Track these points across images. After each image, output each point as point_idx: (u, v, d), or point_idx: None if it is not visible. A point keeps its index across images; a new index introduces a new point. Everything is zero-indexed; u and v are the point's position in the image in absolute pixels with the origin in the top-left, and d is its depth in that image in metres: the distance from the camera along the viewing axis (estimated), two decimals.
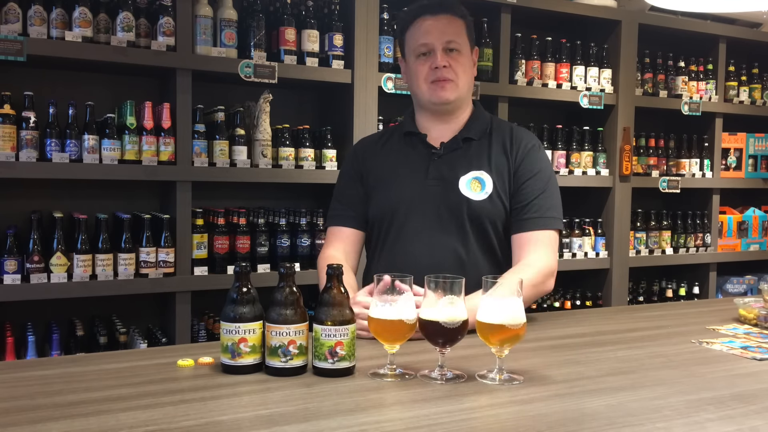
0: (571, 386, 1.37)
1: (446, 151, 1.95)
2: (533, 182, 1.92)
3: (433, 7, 1.89)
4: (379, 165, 2.01)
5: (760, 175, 4.37)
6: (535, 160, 1.94)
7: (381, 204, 1.98)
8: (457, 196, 1.90)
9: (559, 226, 1.93)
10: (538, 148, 1.99)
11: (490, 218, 1.91)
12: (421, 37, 1.88)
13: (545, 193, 1.92)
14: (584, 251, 3.75)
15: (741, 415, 1.23)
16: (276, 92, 3.09)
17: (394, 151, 2.02)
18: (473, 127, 1.98)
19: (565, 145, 3.76)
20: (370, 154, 2.05)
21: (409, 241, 1.93)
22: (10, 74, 2.75)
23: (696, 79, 4.11)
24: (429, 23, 1.88)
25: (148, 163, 2.74)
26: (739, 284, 4.33)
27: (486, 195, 1.90)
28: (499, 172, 1.93)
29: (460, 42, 1.89)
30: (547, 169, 1.96)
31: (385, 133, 2.12)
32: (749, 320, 2.00)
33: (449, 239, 1.91)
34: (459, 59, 1.89)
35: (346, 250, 1.99)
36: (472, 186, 1.90)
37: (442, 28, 1.87)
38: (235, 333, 1.39)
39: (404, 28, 1.95)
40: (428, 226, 1.92)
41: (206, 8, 2.85)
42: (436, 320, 1.39)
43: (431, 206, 1.92)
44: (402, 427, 1.15)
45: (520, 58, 3.56)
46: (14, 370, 1.46)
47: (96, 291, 2.66)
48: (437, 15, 1.88)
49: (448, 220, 1.91)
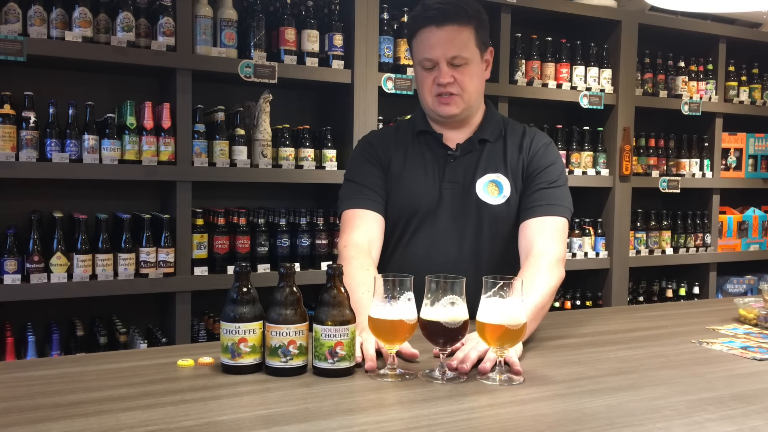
0: (571, 386, 1.37)
1: (462, 152, 1.91)
2: (544, 174, 1.88)
3: (438, 17, 1.79)
4: (397, 161, 1.93)
5: (760, 175, 4.37)
6: (547, 155, 1.91)
7: (396, 205, 1.91)
8: (475, 200, 1.87)
9: (567, 215, 1.86)
10: (551, 146, 1.96)
11: (508, 222, 1.88)
12: (426, 51, 1.81)
13: (556, 183, 1.88)
14: (584, 251, 3.76)
15: (741, 415, 1.23)
16: (276, 92, 3.09)
17: (409, 150, 1.94)
18: (488, 128, 1.94)
19: (565, 145, 3.76)
20: (387, 145, 1.96)
21: (423, 243, 1.89)
22: (10, 74, 2.76)
23: (696, 79, 4.11)
24: (434, 36, 1.80)
25: (148, 163, 2.74)
26: (739, 284, 4.33)
27: (504, 199, 1.87)
28: (514, 173, 1.89)
29: (465, 54, 1.81)
30: (559, 165, 1.93)
31: (397, 129, 2.02)
32: (749, 320, 2.00)
33: (464, 242, 1.87)
34: (466, 71, 1.82)
35: (371, 237, 1.83)
36: (490, 190, 1.87)
37: (447, 42, 1.79)
38: (235, 333, 1.39)
39: (411, 35, 1.88)
40: (444, 230, 1.88)
41: (206, 8, 2.85)
42: (437, 320, 1.39)
43: (447, 210, 1.88)
44: (402, 427, 1.15)
45: (520, 58, 3.56)
46: (14, 370, 1.46)
47: (96, 291, 2.66)
48: (443, 26, 1.79)
49: (464, 223, 1.87)
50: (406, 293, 1.41)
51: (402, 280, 1.41)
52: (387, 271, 1.84)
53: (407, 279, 1.42)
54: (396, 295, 1.40)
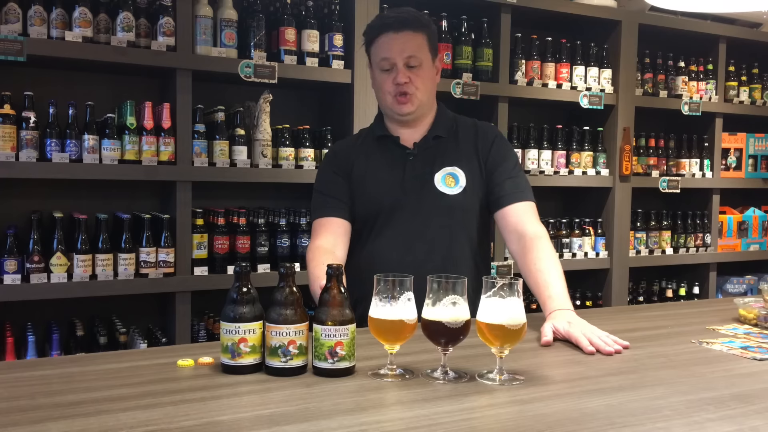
0: (571, 386, 1.37)
1: (419, 150, 2.07)
2: (504, 167, 2.06)
3: (394, 24, 1.98)
4: (360, 166, 2.09)
5: (760, 175, 4.38)
6: (502, 149, 2.10)
7: (364, 205, 2.06)
8: (434, 191, 2.02)
9: (534, 199, 2.07)
10: (502, 138, 2.15)
11: (465, 210, 2.04)
12: (384, 53, 1.99)
13: (516, 172, 2.07)
14: (584, 251, 3.76)
15: (741, 415, 1.23)
16: (276, 92, 3.09)
17: (371, 154, 2.10)
18: (440, 125, 2.10)
19: (565, 145, 3.77)
20: (348, 154, 2.13)
21: (390, 237, 2.03)
22: (10, 74, 2.75)
23: (696, 79, 4.11)
24: (391, 40, 1.97)
25: (148, 163, 2.74)
26: (739, 284, 4.33)
27: (460, 189, 2.03)
28: (470, 165, 2.06)
29: (420, 56, 1.98)
30: (513, 156, 2.12)
31: (359, 136, 2.20)
32: (749, 320, 2.00)
33: (429, 233, 2.01)
34: (419, 73, 1.99)
35: (335, 241, 2.02)
36: (447, 181, 2.03)
37: (403, 45, 1.97)
38: (235, 333, 1.39)
39: (369, 42, 2.04)
40: (408, 223, 2.02)
41: (206, 8, 2.85)
42: (439, 320, 1.39)
43: (411, 204, 2.02)
44: (402, 427, 1.15)
45: (520, 58, 3.56)
46: (14, 370, 1.46)
47: (96, 291, 2.67)
48: (399, 32, 1.97)
49: (427, 215, 2.02)
50: (406, 293, 1.41)
51: (402, 280, 1.41)
52: (356, 266, 2.01)
53: (407, 279, 1.42)
54: (396, 295, 1.40)
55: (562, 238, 3.72)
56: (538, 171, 3.63)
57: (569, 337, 1.68)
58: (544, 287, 1.83)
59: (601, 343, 1.62)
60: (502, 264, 3.45)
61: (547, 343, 1.67)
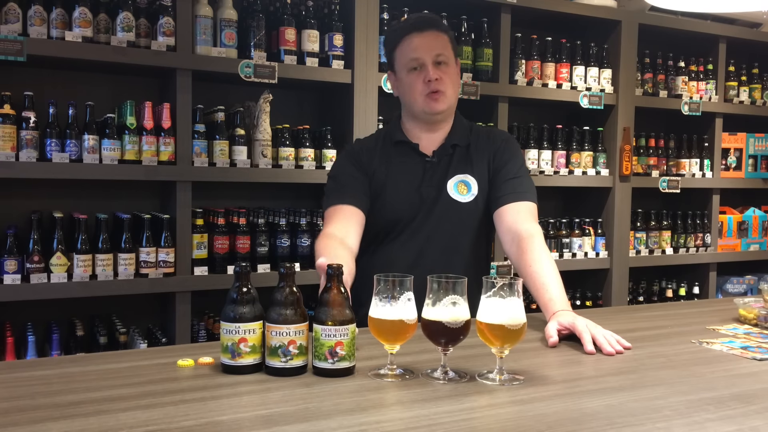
0: (571, 386, 1.37)
1: (438, 158, 2.08)
2: (507, 169, 2.06)
3: (420, 24, 2.01)
4: (381, 172, 2.08)
5: (760, 175, 4.38)
6: (508, 151, 2.09)
7: (381, 213, 2.05)
8: (447, 199, 2.04)
9: (535, 200, 2.05)
10: (511, 141, 2.14)
11: (476, 218, 2.06)
12: (412, 53, 1.99)
13: (521, 173, 2.06)
14: (584, 251, 3.76)
15: (741, 415, 1.23)
16: (276, 92, 3.09)
17: (391, 160, 2.09)
18: (457, 133, 2.11)
19: (565, 145, 3.77)
20: (371, 157, 2.10)
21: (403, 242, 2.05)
22: (10, 74, 2.75)
23: (696, 79, 4.11)
24: (418, 39, 1.99)
25: (148, 163, 2.74)
26: (739, 284, 4.33)
27: (472, 197, 2.05)
28: (480, 172, 2.07)
29: (447, 55, 2.01)
30: (519, 158, 2.11)
31: (376, 139, 2.17)
32: (749, 320, 2.00)
33: (440, 239, 2.03)
34: (447, 71, 2.01)
35: (348, 229, 1.95)
36: (459, 189, 2.05)
37: (431, 43, 1.99)
38: (235, 333, 1.39)
39: (394, 45, 2.05)
40: (422, 228, 2.04)
41: (206, 8, 2.85)
42: (439, 320, 1.39)
43: (425, 210, 2.04)
44: (402, 427, 1.15)
45: (520, 58, 3.56)
46: (14, 370, 1.46)
47: (96, 291, 2.67)
48: (424, 31, 1.99)
49: (439, 221, 2.04)
50: (406, 293, 1.41)
51: (402, 280, 1.41)
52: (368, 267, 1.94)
53: (407, 279, 1.42)
54: (396, 295, 1.40)
55: (562, 238, 3.72)
56: (538, 171, 3.63)
57: (573, 328, 1.68)
58: (543, 289, 1.83)
59: (604, 342, 1.62)
60: (502, 264, 3.45)
61: (554, 344, 1.67)
